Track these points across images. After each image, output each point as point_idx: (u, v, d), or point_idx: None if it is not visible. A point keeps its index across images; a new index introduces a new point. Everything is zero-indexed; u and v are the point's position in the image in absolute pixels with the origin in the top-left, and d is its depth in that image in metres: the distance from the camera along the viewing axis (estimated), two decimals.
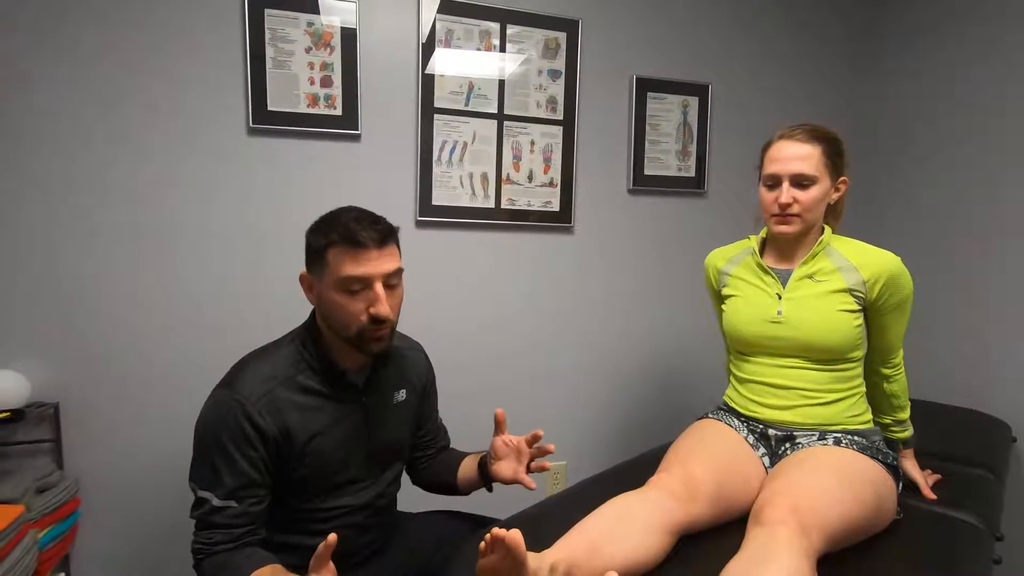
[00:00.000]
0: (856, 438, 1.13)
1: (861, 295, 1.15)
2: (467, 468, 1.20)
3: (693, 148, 2.06)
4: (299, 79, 1.63)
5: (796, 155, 1.17)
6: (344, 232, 0.97)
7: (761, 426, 1.21)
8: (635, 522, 0.94)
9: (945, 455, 1.44)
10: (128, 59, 1.49)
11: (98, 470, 1.52)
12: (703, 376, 2.10)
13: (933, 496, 1.23)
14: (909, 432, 1.28)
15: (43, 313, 1.47)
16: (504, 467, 1.10)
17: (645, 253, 2.05)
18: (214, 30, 1.56)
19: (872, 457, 1.09)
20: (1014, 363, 1.80)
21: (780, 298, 1.21)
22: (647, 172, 2.01)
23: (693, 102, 2.04)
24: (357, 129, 1.68)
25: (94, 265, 1.51)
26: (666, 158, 2.04)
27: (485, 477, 1.15)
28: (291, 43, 1.61)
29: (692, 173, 2.07)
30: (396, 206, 1.75)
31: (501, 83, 1.81)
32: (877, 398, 1.27)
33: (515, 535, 0.74)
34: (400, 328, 1.11)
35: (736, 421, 1.24)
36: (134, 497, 1.56)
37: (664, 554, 0.95)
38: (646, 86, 1.98)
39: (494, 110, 1.81)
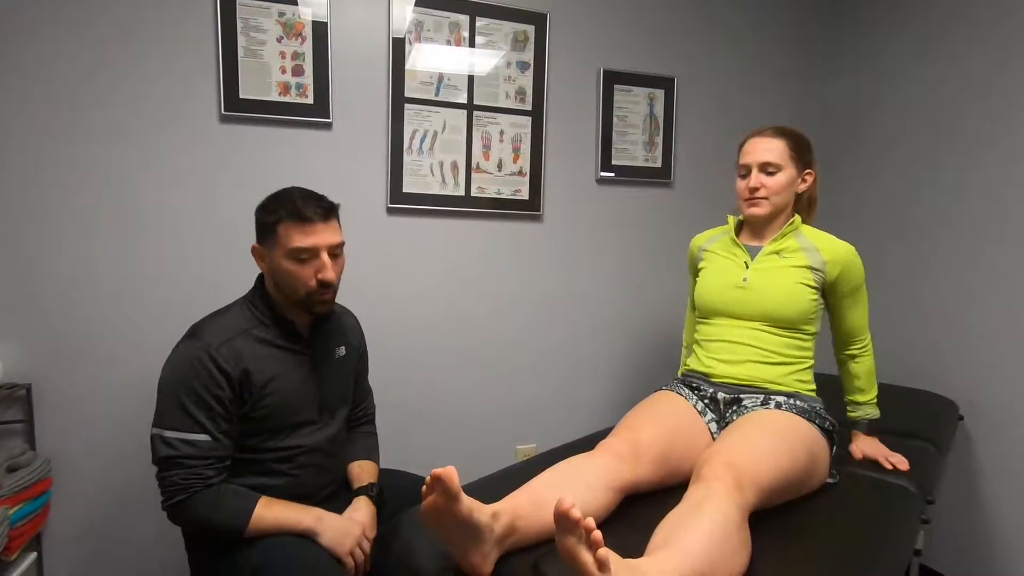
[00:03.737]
0: (797, 402, 1.21)
1: (821, 274, 1.29)
2: (351, 476, 1.31)
3: (660, 139, 2.13)
4: (271, 68, 1.66)
5: (764, 147, 1.33)
6: (292, 208, 1.11)
7: (711, 390, 1.29)
8: (580, 480, 1.00)
9: (893, 431, 1.51)
10: (99, 46, 1.52)
11: (70, 451, 1.55)
12: (670, 360, 2.17)
13: (888, 466, 1.31)
14: (860, 414, 1.39)
15: (14, 295, 1.49)
16: None
17: (613, 241, 2.11)
18: (186, 18, 1.58)
19: (809, 420, 1.17)
20: (962, 347, 1.89)
21: (747, 267, 1.34)
22: (615, 162, 2.07)
23: (659, 94, 2.11)
24: (328, 117, 1.72)
25: (65, 248, 1.53)
26: (633, 149, 2.10)
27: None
28: (263, 32, 1.64)
29: (659, 164, 2.14)
30: (367, 193, 1.79)
31: (470, 75, 1.86)
32: (844, 379, 1.41)
33: (449, 470, 0.79)
34: (372, 312, 1.20)
35: (687, 390, 1.31)
36: (106, 478, 1.59)
37: (608, 511, 1.00)
38: (613, 79, 2.03)
39: (464, 100, 1.86)
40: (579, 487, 0.98)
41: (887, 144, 2.16)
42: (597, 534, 0.68)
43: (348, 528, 1.11)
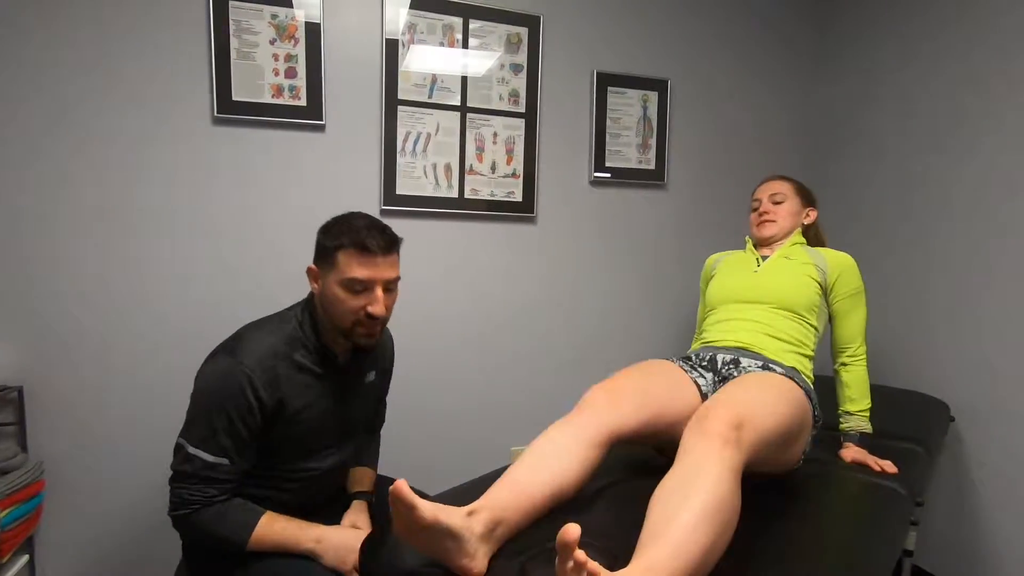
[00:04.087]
0: (795, 378, 1.23)
1: (823, 272, 1.43)
2: (351, 479, 1.32)
3: (653, 141, 2.13)
4: (264, 70, 1.66)
5: (772, 185, 1.57)
6: (355, 238, 1.08)
7: (711, 354, 1.34)
8: (556, 449, 0.99)
9: (883, 432, 1.52)
10: (91, 48, 1.52)
11: (62, 454, 1.55)
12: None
13: (878, 468, 1.31)
14: (852, 425, 1.40)
15: (7, 297, 1.49)
16: None
17: (607, 242, 2.12)
18: (179, 20, 1.59)
19: (805, 394, 1.18)
20: (955, 348, 1.89)
21: (759, 264, 1.50)
22: (608, 164, 2.08)
23: (653, 96, 2.11)
24: (321, 119, 1.72)
25: (59, 250, 1.53)
26: (627, 151, 2.10)
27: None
28: (255, 35, 1.65)
29: (652, 165, 2.14)
30: (360, 195, 1.80)
31: (464, 76, 1.86)
32: (837, 390, 1.45)
33: (398, 484, 0.78)
34: None
35: (673, 359, 1.34)
36: (98, 481, 1.59)
37: (593, 466, 1.01)
38: (606, 81, 2.04)
39: (457, 102, 1.86)
40: (555, 457, 0.98)
41: (879, 145, 2.16)
42: (592, 565, 0.68)
43: (350, 543, 1.09)
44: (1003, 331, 1.76)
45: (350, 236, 1.08)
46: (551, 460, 0.98)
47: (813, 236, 1.59)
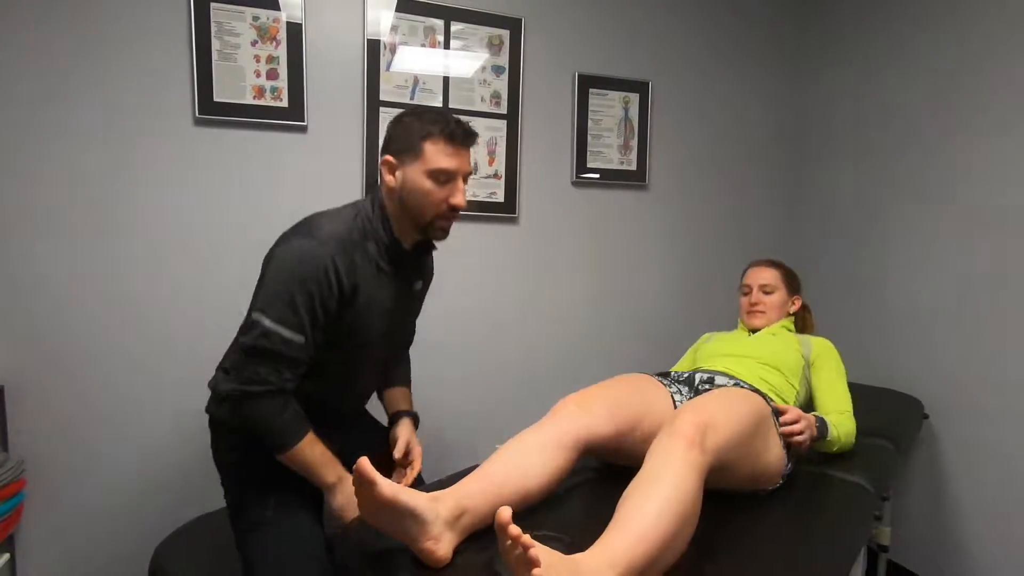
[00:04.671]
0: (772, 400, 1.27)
1: (808, 348, 1.52)
2: (390, 400, 1.39)
3: (635, 142, 2.16)
4: (245, 71, 1.67)
5: (762, 274, 1.65)
6: (445, 128, 1.10)
7: (690, 373, 1.39)
8: (526, 449, 1.02)
9: (856, 429, 1.55)
10: (73, 48, 1.53)
11: (44, 453, 1.55)
12: (647, 360, 2.20)
13: (789, 431, 1.24)
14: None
15: None
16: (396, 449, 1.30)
17: (589, 242, 2.14)
18: (161, 22, 1.59)
19: (770, 409, 1.21)
20: (930, 347, 1.93)
21: (750, 335, 1.60)
22: (590, 165, 2.10)
23: (634, 98, 2.14)
24: (303, 120, 1.73)
25: (40, 250, 1.54)
26: (608, 152, 2.13)
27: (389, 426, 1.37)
28: (237, 36, 1.66)
29: (634, 166, 2.17)
30: (343, 196, 1.77)
31: (446, 78, 1.88)
32: None
33: (360, 462, 0.82)
34: None
35: (655, 376, 1.37)
36: (80, 479, 1.59)
37: (563, 468, 1.02)
38: (588, 83, 2.06)
39: (439, 103, 1.88)
40: (526, 455, 1.00)
41: (856, 147, 2.20)
42: (525, 538, 0.70)
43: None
44: (977, 330, 1.79)
45: (439, 126, 1.09)
46: (521, 459, 1.00)
47: (801, 320, 1.69)
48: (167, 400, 1.66)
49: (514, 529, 0.70)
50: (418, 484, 1.23)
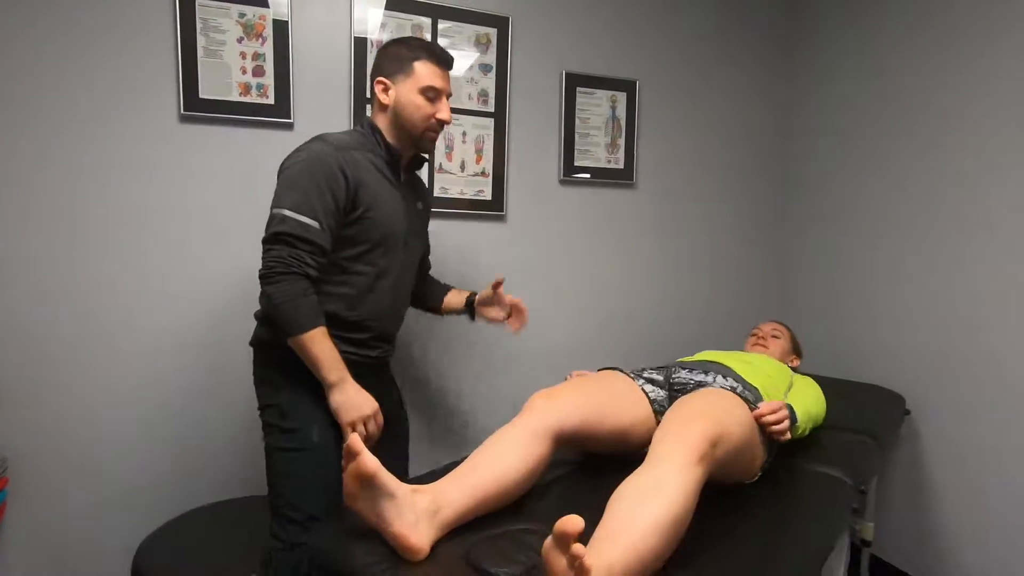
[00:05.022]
0: (750, 392, 1.27)
1: (793, 378, 1.58)
2: (453, 299, 1.62)
3: (622, 141, 2.17)
4: (231, 68, 1.67)
5: (776, 326, 1.86)
6: (433, 51, 1.33)
7: (666, 365, 1.39)
8: (501, 448, 1.04)
9: (837, 425, 1.57)
10: (57, 45, 1.52)
11: (26, 450, 1.55)
12: (633, 359, 2.21)
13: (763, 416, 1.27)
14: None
15: None
16: (493, 311, 1.56)
17: (576, 241, 2.15)
18: (145, 18, 1.59)
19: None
20: (913, 342, 1.95)
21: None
22: (577, 163, 2.11)
23: (621, 97, 2.15)
24: (290, 118, 1.73)
25: (23, 247, 1.53)
26: (595, 150, 2.14)
27: (471, 312, 1.59)
28: (223, 33, 1.66)
29: (621, 165, 2.18)
30: None
31: None
32: None
33: (352, 436, 0.86)
34: None
35: (628, 371, 1.37)
36: (63, 478, 1.59)
37: (538, 462, 1.04)
38: (575, 81, 2.07)
39: None
40: (502, 456, 1.01)
41: (844, 145, 2.22)
42: (578, 547, 0.68)
43: (360, 402, 1.19)
44: (960, 326, 1.82)
45: (427, 49, 1.32)
46: (496, 455, 1.02)
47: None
48: (150, 398, 1.65)
49: (579, 548, 0.68)
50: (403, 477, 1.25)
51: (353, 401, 1.19)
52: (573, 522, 0.69)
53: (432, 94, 1.30)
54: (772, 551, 0.97)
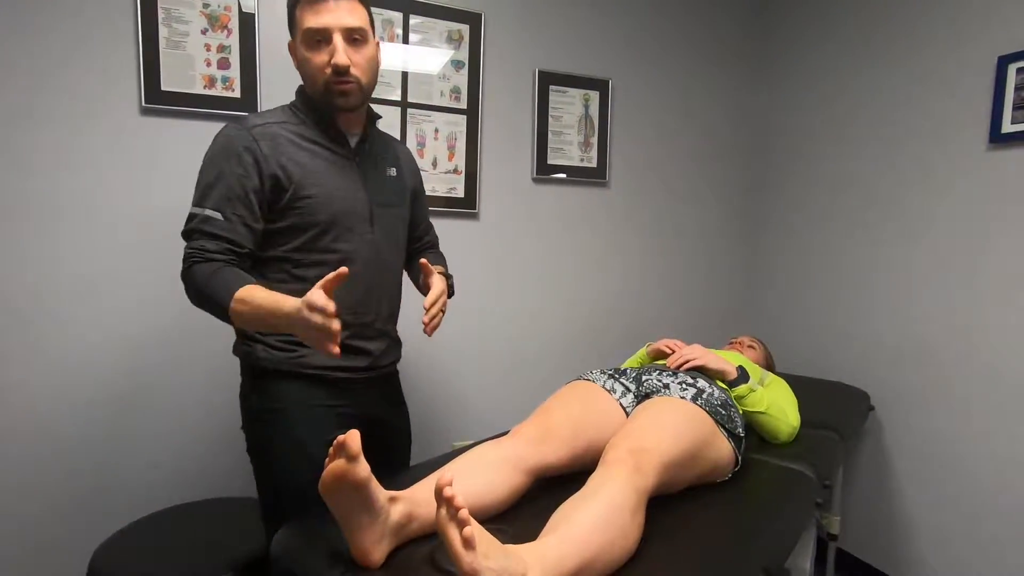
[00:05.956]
0: (715, 394, 1.25)
1: (766, 376, 1.60)
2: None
3: (595, 140, 2.18)
4: (195, 60, 1.63)
5: (751, 339, 1.89)
6: None
7: (635, 372, 1.37)
8: (485, 464, 1.02)
9: (803, 422, 1.59)
10: (16, 33, 1.46)
11: None
12: (605, 358, 2.22)
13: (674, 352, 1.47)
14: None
15: None
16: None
17: (549, 239, 2.15)
18: (105, 8, 1.54)
19: (718, 423, 1.19)
20: (876, 341, 2.00)
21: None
22: (550, 162, 2.11)
23: (594, 96, 2.15)
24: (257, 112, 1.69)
25: None
26: (569, 149, 2.14)
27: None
28: (186, 24, 1.61)
29: (594, 164, 2.18)
30: None
31: (404, 72, 1.87)
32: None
33: (351, 433, 0.80)
34: None
35: (601, 375, 1.36)
36: (26, 484, 1.53)
37: (517, 493, 1.02)
38: (548, 79, 2.07)
39: (398, 98, 1.86)
40: (482, 471, 1.00)
41: (813, 146, 2.26)
42: (464, 512, 0.69)
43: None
44: (919, 322, 1.86)
45: None
46: (479, 473, 1.00)
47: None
48: (100, 400, 1.60)
49: (450, 490, 0.70)
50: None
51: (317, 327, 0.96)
52: (445, 478, 0.72)
53: (317, 37, 1.07)
54: (736, 546, 0.97)
